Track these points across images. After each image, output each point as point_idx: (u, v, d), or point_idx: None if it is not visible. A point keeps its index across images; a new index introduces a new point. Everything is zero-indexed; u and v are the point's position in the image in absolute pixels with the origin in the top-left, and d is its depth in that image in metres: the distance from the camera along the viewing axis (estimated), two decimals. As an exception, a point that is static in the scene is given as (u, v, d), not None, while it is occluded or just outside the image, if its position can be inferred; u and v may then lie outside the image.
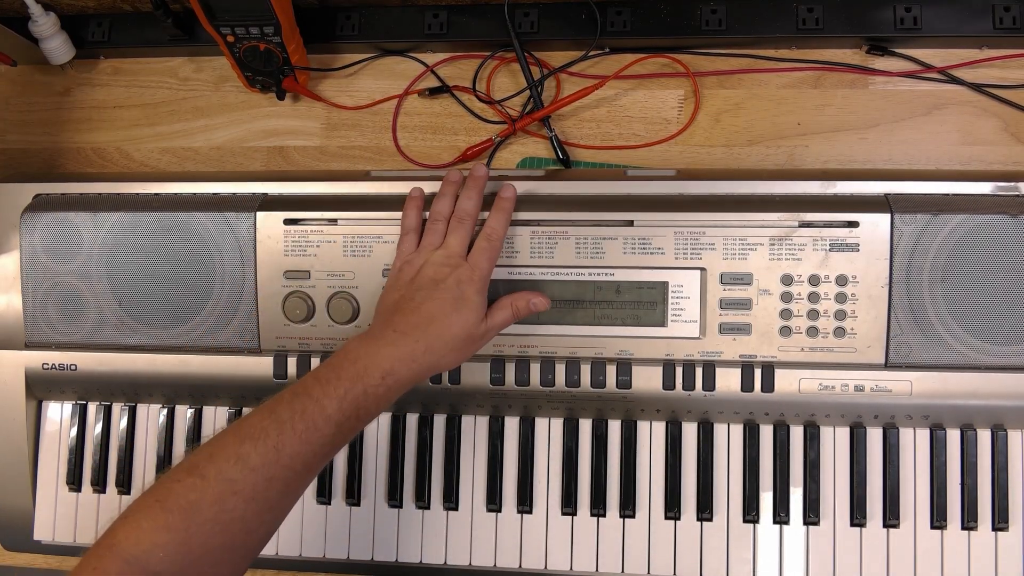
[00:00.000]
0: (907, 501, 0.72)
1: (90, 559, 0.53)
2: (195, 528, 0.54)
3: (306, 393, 0.59)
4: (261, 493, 0.56)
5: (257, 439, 0.56)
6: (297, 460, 0.57)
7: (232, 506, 0.55)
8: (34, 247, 0.78)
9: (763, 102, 0.83)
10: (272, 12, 0.76)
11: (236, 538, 0.55)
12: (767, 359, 0.71)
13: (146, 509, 0.54)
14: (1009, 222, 0.68)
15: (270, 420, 0.57)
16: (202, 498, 0.54)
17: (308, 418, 0.58)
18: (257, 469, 0.56)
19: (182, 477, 0.55)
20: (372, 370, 0.61)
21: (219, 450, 0.56)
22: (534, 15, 0.83)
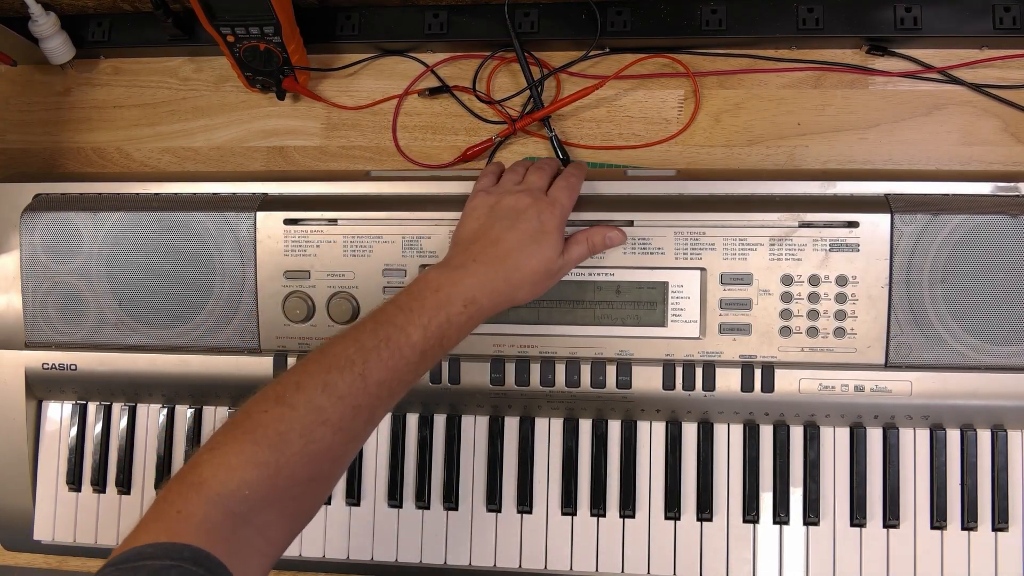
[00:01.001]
0: (907, 501, 0.72)
1: (173, 498, 0.51)
2: (284, 460, 0.52)
3: (389, 321, 0.58)
4: (348, 422, 0.55)
5: (344, 368, 0.55)
6: (383, 388, 0.56)
7: (321, 436, 0.53)
8: (34, 247, 0.78)
9: (763, 102, 0.83)
10: (272, 12, 0.76)
11: (323, 469, 0.55)
12: (767, 359, 0.71)
13: (233, 443, 0.52)
14: (1009, 222, 0.68)
15: (355, 348, 0.56)
16: (291, 428, 0.53)
17: (393, 346, 0.57)
18: (345, 397, 0.55)
19: (269, 407, 0.54)
20: (455, 298, 0.60)
21: (306, 379, 0.55)
22: (534, 15, 0.83)
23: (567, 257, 0.67)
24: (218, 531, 0.50)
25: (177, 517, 0.50)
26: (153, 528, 0.49)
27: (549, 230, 0.65)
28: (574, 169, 0.71)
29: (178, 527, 0.49)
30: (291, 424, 0.53)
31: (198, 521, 0.50)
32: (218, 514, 0.50)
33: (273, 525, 0.53)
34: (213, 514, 0.50)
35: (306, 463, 0.53)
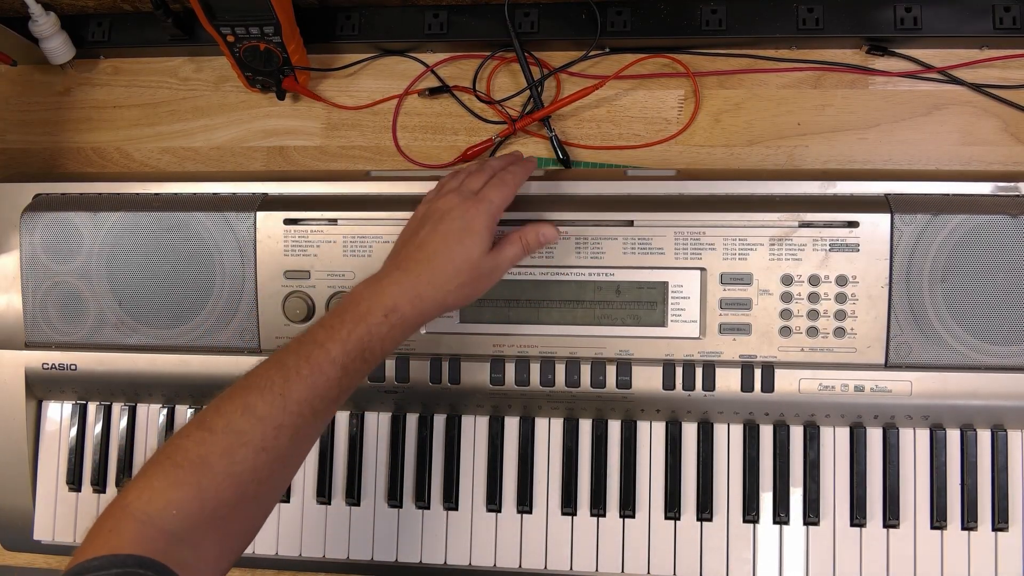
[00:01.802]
0: (907, 501, 0.72)
1: (104, 521, 0.52)
2: (207, 482, 0.53)
3: (311, 340, 0.58)
4: (271, 442, 0.55)
5: (263, 388, 0.56)
6: (305, 406, 0.56)
7: (242, 457, 0.54)
8: (34, 247, 0.78)
9: (763, 102, 0.83)
10: (272, 12, 0.76)
11: (248, 489, 0.55)
12: (767, 359, 0.71)
13: (156, 467, 0.54)
14: (1009, 222, 0.68)
15: (275, 369, 0.57)
16: (211, 451, 0.54)
17: (313, 363, 0.57)
18: (264, 418, 0.55)
19: (190, 432, 0.55)
20: (375, 309, 0.59)
21: (226, 403, 0.56)
22: (534, 15, 0.83)
23: (500, 257, 0.65)
24: (152, 546, 0.50)
25: (110, 535, 0.51)
26: (90, 548, 0.50)
27: (475, 229, 0.63)
28: (514, 166, 0.69)
29: (114, 542, 0.50)
30: (211, 447, 0.54)
31: (131, 537, 0.51)
32: (150, 531, 0.51)
33: (207, 546, 0.53)
34: (145, 531, 0.51)
35: (230, 484, 0.54)
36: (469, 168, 0.70)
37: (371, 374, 0.74)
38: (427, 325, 0.74)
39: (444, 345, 0.75)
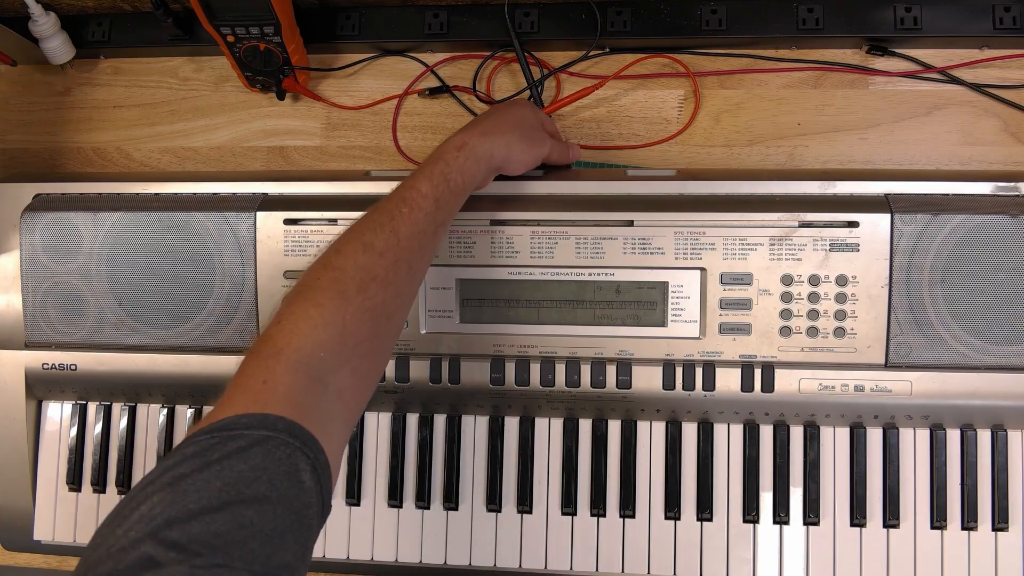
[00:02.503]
0: (907, 501, 0.72)
1: (255, 369, 0.52)
2: (348, 317, 0.55)
3: (402, 188, 0.63)
4: (392, 275, 0.59)
5: (376, 229, 0.60)
6: (414, 240, 0.61)
7: (374, 291, 0.57)
8: (34, 247, 0.78)
9: (763, 102, 0.83)
10: (272, 12, 0.76)
11: (380, 324, 0.58)
12: (767, 359, 0.71)
13: (298, 310, 0.55)
14: (1009, 222, 0.68)
15: (379, 213, 0.61)
16: (348, 287, 0.56)
17: (409, 201, 0.62)
18: (384, 253, 0.59)
19: (320, 274, 0.57)
20: (448, 148, 0.66)
21: (344, 246, 0.59)
22: (534, 15, 0.83)
23: (549, 139, 0.75)
24: (304, 399, 0.51)
25: (263, 388, 0.51)
26: (241, 400, 0.50)
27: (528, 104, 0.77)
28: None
29: (266, 397, 0.50)
30: (346, 283, 0.56)
31: (285, 390, 0.51)
32: (302, 381, 0.52)
33: (348, 388, 0.55)
34: (297, 382, 0.51)
35: (367, 319, 0.57)
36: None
37: (371, 374, 0.75)
38: (427, 325, 0.74)
39: (444, 345, 0.75)
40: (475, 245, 0.73)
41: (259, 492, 0.45)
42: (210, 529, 0.43)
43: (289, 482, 0.47)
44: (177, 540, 0.42)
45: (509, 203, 0.74)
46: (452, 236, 0.73)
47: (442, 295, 0.74)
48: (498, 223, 0.73)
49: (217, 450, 0.46)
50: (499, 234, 0.73)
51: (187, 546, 0.42)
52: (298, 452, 0.48)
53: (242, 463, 0.46)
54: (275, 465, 0.47)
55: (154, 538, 0.42)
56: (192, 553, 0.42)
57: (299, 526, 0.47)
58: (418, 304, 0.74)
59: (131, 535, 0.42)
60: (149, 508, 0.44)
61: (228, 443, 0.47)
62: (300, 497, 0.47)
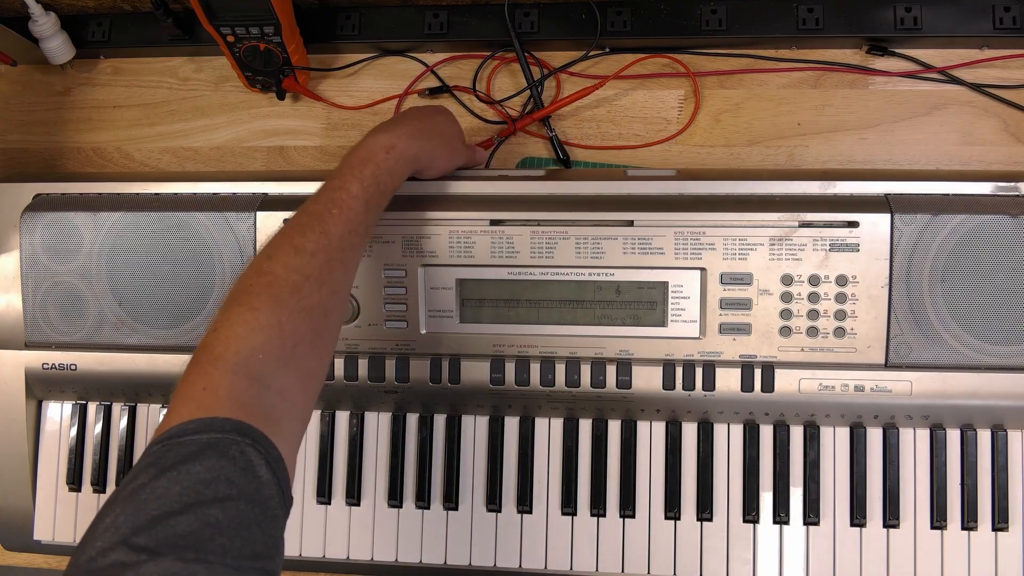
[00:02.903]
0: (907, 501, 0.72)
1: (195, 378, 0.53)
2: (284, 319, 0.56)
3: (328, 187, 0.64)
4: (327, 275, 0.59)
5: (305, 230, 0.60)
6: (345, 239, 0.61)
7: (309, 291, 0.57)
8: (34, 247, 0.78)
9: (763, 102, 0.83)
10: (272, 12, 0.76)
11: (318, 322, 0.58)
12: (767, 359, 0.71)
13: (233, 315, 0.55)
14: (1009, 222, 0.68)
15: (308, 216, 0.61)
16: (282, 290, 0.56)
17: (340, 203, 0.62)
18: (316, 253, 0.59)
19: (253, 280, 0.57)
20: (376, 150, 0.66)
21: (275, 250, 0.59)
22: (534, 15, 0.83)
23: (465, 147, 0.77)
24: (245, 400, 0.51)
25: (204, 393, 0.51)
26: (185, 408, 0.50)
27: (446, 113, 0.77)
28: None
29: (208, 402, 0.51)
30: (279, 286, 0.57)
31: (225, 393, 0.51)
32: (241, 383, 0.52)
33: (292, 387, 0.55)
34: (237, 383, 0.52)
35: (304, 319, 0.57)
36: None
37: (371, 374, 0.75)
38: (427, 325, 0.74)
39: (444, 345, 0.75)
40: (475, 245, 0.73)
41: (219, 491, 0.46)
42: (176, 531, 0.44)
43: (246, 477, 0.48)
44: (145, 544, 0.43)
45: (509, 203, 0.74)
46: (452, 236, 0.73)
47: (442, 295, 0.74)
48: (498, 223, 0.73)
49: (169, 457, 0.47)
50: (499, 234, 0.73)
51: (156, 549, 0.43)
52: (250, 448, 0.49)
53: (197, 465, 0.47)
54: (230, 463, 0.48)
55: (124, 544, 0.43)
56: (161, 555, 0.43)
57: (264, 518, 0.48)
58: (418, 304, 0.74)
59: (98, 546, 0.43)
60: (113, 520, 0.44)
61: (179, 449, 0.47)
62: (260, 490, 0.48)
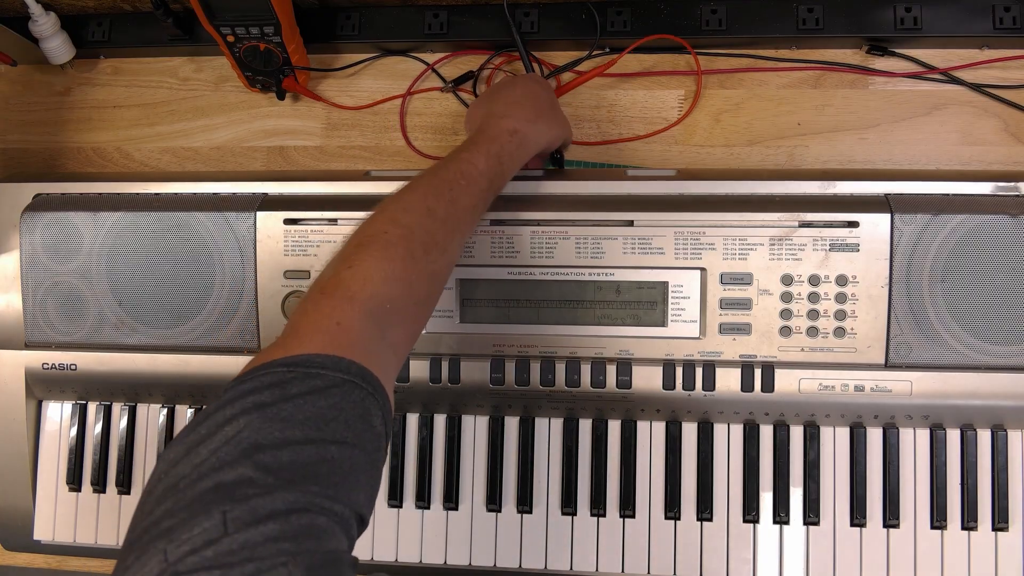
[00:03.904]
0: (907, 501, 0.72)
1: (329, 309, 0.52)
2: (414, 278, 0.56)
3: (458, 160, 0.64)
4: (449, 243, 0.60)
5: (439, 195, 0.61)
6: (468, 213, 0.63)
7: (435, 256, 0.58)
8: (34, 247, 0.78)
9: (763, 102, 0.83)
10: (272, 12, 0.76)
11: (434, 289, 0.60)
12: (767, 359, 0.71)
13: (370, 259, 0.55)
14: (1009, 222, 0.68)
15: (438, 181, 0.62)
16: (415, 248, 0.57)
17: (468, 176, 0.63)
18: (445, 220, 0.60)
19: (389, 228, 0.57)
20: (502, 132, 0.68)
21: (410, 206, 0.59)
22: (534, 15, 0.83)
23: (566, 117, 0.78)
24: (372, 347, 0.52)
25: (338, 329, 0.51)
26: (316, 339, 0.50)
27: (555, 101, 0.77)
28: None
29: (340, 340, 0.51)
30: (414, 243, 0.57)
31: (357, 335, 0.52)
32: (371, 328, 0.53)
33: (401, 344, 0.56)
34: (368, 328, 0.52)
35: (426, 281, 0.58)
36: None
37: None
38: (427, 325, 0.74)
39: (444, 345, 0.75)
40: (475, 245, 0.73)
41: (337, 432, 0.47)
42: (299, 459, 0.44)
43: (363, 425, 0.48)
44: (270, 464, 0.43)
45: (509, 203, 0.74)
46: (452, 236, 0.73)
47: (442, 295, 0.74)
48: (498, 223, 0.73)
49: (295, 385, 0.47)
50: (499, 234, 0.73)
51: (279, 472, 0.43)
52: (370, 398, 0.49)
53: (322, 400, 0.47)
54: (351, 408, 0.48)
55: (249, 459, 0.43)
56: (286, 480, 0.43)
57: (371, 468, 0.49)
58: (418, 304, 0.74)
59: (221, 455, 0.43)
60: (235, 431, 0.44)
61: (307, 380, 0.47)
62: (372, 441, 0.49)
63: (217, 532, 0.40)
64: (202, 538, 0.40)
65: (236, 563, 0.39)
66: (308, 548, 0.41)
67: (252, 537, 0.40)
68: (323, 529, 0.43)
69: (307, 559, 0.41)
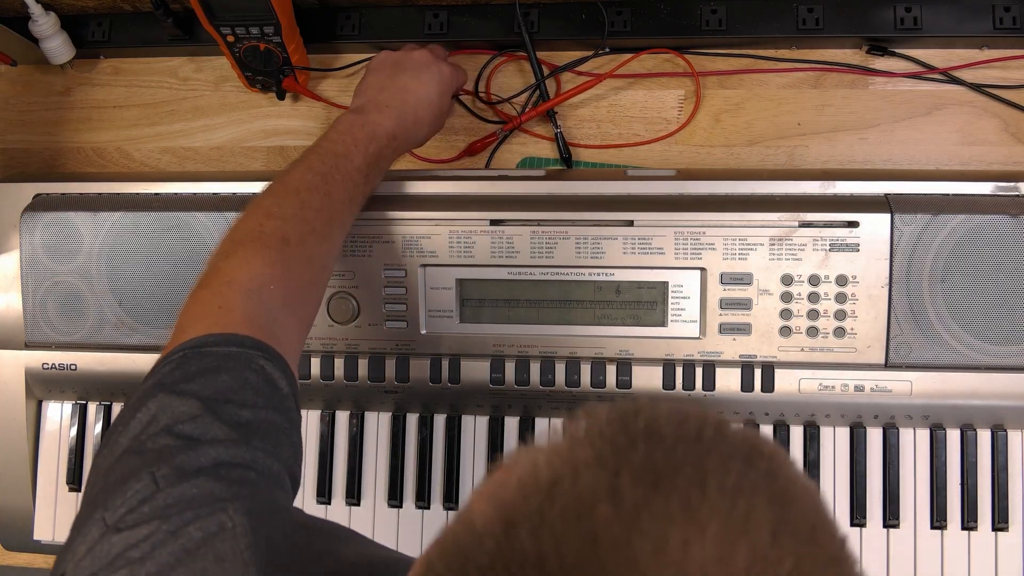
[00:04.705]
0: (907, 501, 0.72)
1: (210, 296, 0.54)
2: (291, 263, 0.58)
3: (334, 152, 0.66)
4: (327, 232, 0.62)
5: (311, 188, 0.62)
6: (343, 205, 0.64)
7: (312, 243, 0.60)
8: (34, 247, 0.78)
9: (763, 102, 0.83)
10: (272, 12, 0.76)
11: (316, 274, 0.61)
12: (767, 359, 0.71)
13: (248, 247, 0.57)
14: (1009, 222, 0.68)
15: (313, 174, 0.63)
16: (291, 235, 0.58)
17: (343, 170, 0.65)
18: (320, 211, 0.61)
19: (263, 221, 0.59)
20: (380, 134, 0.68)
21: (283, 199, 0.61)
22: (534, 15, 0.83)
23: (451, 103, 0.79)
24: (260, 322, 0.53)
25: (220, 312, 0.52)
26: (200, 325, 0.51)
27: (446, 87, 0.76)
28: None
29: (225, 319, 0.52)
30: (289, 232, 0.59)
31: (241, 314, 0.52)
32: (256, 307, 0.53)
33: (291, 330, 0.57)
34: (252, 306, 0.53)
35: (307, 267, 0.60)
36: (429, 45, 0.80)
37: (371, 374, 0.75)
38: (427, 325, 0.74)
39: (444, 345, 0.75)
40: (475, 245, 0.73)
41: (246, 398, 0.47)
42: (215, 425, 0.45)
43: (270, 389, 0.49)
44: (189, 433, 0.44)
45: (509, 203, 0.74)
46: (452, 236, 0.73)
47: (442, 295, 0.74)
48: (498, 223, 0.73)
49: (193, 363, 0.48)
50: (499, 234, 0.73)
51: (200, 437, 0.44)
52: (269, 363, 0.50)
53: (224, 375, 0.48)
54: (253, 375, 0.49)
55: (168, 432, 0.44)
56: (208, 441, 0.44)
57: (289, 426, 0.49)
58: (418, 304, 0.74)
59: (140, 437, 0.44)
60: (148, 414, 0.45)
61: (202, 359, 0.48)
62: (283, 401, 0.50)
63: (149, 490, 0.41)
64: (136, 498, 0.41)
65: (174, 514, 0.40)
66: (244, 495, 0.42)
67: (186, 490, 0.41)
68: (254, 481, 0.44)
69: (246, 503, 0.41)
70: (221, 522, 0.40)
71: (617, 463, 0.30)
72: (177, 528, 0.40)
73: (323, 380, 0.76)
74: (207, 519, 0.40)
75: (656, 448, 0.31)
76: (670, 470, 0.30)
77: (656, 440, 0.31)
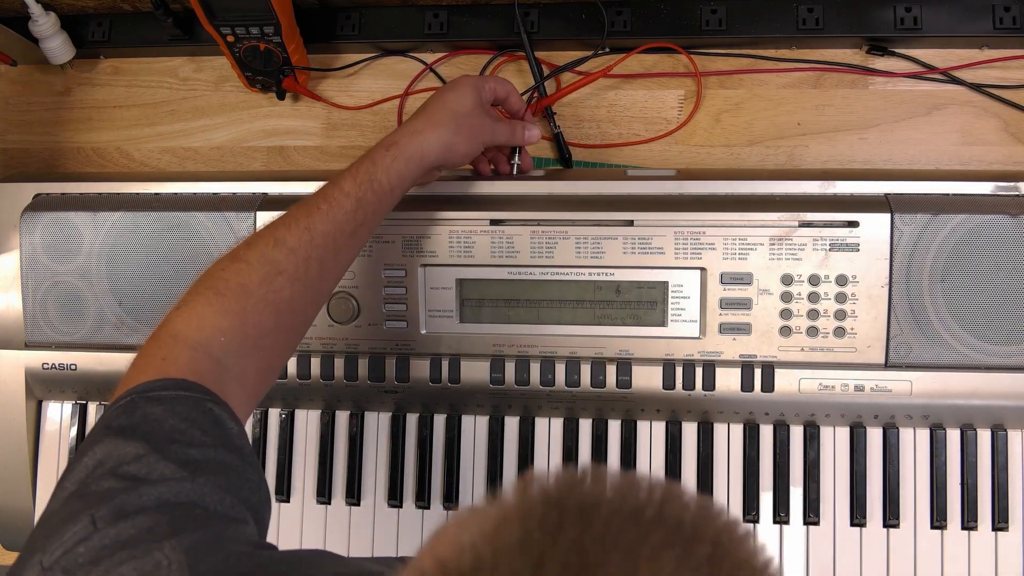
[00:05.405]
0: (907, 501, 0.72)
1: (155, 349, 0.53)
2: (249, 308, 0.56)
3: (327, 184, 0.63)
4: (302, 272, 0.58)
5: (290, 224, 0.60)
6: (328, 239, 0.60)
7: (279, 286, 0.57)
8: (34, 247, 0.78)
9: (763, 102, 0.83)
10: (272, 12, 0.76)
11: (284, 319, 0.58)
12: (767, 359, 0.71)
13: (200, 296, 0.55)
14: (1009, 222, 0.68)
15: (298, 209, 0.61)
16: (251, 280, 0.56)
17: (330, 198, 0.61)
18: (295, 250, 0.58)
19: (227, 265, 0.57)
20: (377, 148, 0.65)
21: (256, 240, 0.59)
22: (534, 15, 0.83)
23: (488, 120, 0.70)
24: (204, 372, 0.52)
25: (163, 363, 0.52)
26: (144, 376, 0.51)
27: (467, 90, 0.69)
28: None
29: (168, 369, 0.51)
30: (250, 276, 0.57)
31: (184, 365, 0.52)
32: (202, 358, 0.53)
33: (249, 375, 0.56)
34: (197, 358, 0.53)
35: (270, 311, 0.57)
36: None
37: (371, 374, 0.75)
38: (427, 325, 0.74)
39: (444, 345, 0.75)
40: (475, 245, 0.73)
41: (194, 437, 0.47)
42: (162, 464, 0.45)
43: (219, 430, 0.49)
44: (135, 474, 0.44)
45: (509, 203, 0.74)
46: (452, 236, 0.73)
47: (442, 295, 0.74)
48: (498, 223, 0.73)
49: (141, 407, 0.48)
50: (499, 234, 0.73)
51: (145, 477, 0.44)
52: (217, 406, 0.50)
53: (172, 418, 0.48)
54: (201, 416, 0.49)
55: (112, 475, 0.44)
56: (152, 481, 0.44)
57: (242, 461, 0.49)
58: (418, 304, 0.74)
59: (86, 480, 0.44)
60: (94, 458, 0.45)
61: (150, 403, 0.48)
62: (233, 440, 0.50)
63: (86, 531, 0.41)
64: (73, 539, 0.41)
65: (107, 555, 0.40)
66: (186, 530, 0.42)
67: (123, 530, 0.41)
68: (199, 517, 0.44)
69: (186, 540, 0.41)
70: (157, 560, 0.40)
71: (542, 549, 0.28)
72: (109, 569, 0.39)
73: (323, 380, 0.76)
74: (142, 559, 0.40)
75: (587, 530, 0.29)
76: (598, 558, 0.27)
77: (589, 518, 0.29)
